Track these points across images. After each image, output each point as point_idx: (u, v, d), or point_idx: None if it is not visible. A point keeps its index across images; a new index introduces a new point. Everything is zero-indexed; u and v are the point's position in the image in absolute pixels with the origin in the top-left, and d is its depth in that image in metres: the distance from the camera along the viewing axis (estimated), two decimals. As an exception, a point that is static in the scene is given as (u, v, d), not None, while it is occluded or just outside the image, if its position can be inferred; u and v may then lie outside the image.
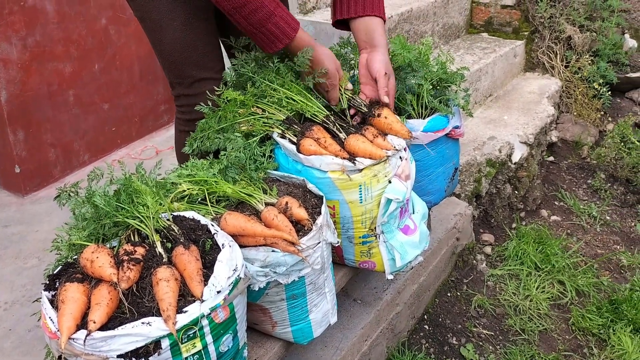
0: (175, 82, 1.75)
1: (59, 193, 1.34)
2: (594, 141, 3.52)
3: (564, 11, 3.63)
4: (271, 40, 1.55)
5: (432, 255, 2.32)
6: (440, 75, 1.92)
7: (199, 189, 1.46)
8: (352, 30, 1.75)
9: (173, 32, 1.65)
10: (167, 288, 1.09)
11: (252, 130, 1.62)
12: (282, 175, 1.61)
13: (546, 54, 3.72)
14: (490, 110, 3.34)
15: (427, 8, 3.30)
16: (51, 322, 1.10)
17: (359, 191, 1.56)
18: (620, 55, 3.56)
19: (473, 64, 3.28)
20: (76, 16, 2.70)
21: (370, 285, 2.10)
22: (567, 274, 2.53)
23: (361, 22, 1.71)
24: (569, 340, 2.26)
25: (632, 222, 2.96)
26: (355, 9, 1.70)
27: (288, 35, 1.55)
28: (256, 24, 1.50)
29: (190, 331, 1.09)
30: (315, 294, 1.51)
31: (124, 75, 3.01)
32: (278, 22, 1.52)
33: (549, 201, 3.14)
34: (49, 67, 2.63)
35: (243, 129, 1.61)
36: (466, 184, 2.74)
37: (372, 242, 1.67)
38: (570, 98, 3.62)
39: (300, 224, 1.43)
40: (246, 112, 1.62)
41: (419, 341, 2.21)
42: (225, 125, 1.62)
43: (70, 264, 1.23)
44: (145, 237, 1.25)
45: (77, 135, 2.85)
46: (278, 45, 1.56)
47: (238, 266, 1.21)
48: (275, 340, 1.61)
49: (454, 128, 1.92)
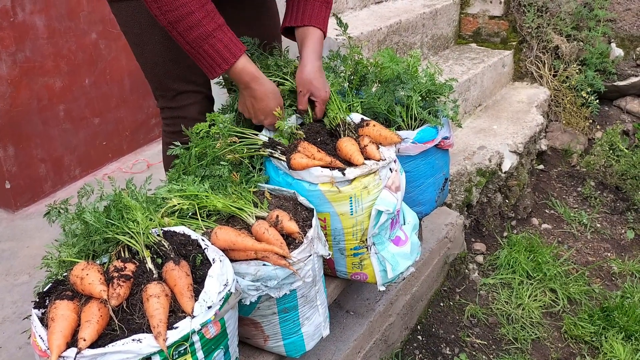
0: (158, 95, 1.77)
1: (49, 210, 1.34)
2: (583, 149, 3.55)
3: (551, 21, 3.67)
4: (210, 64, 1.47)
5: (424, 265, 2.32)
6: (429, 86, 1.94)
7: (190, 203, 1.46)
8: (296, 38, 1.74)
9: (154, 45, 1.65)
10: (158, 304, 1.09)
11: (238, 158, 1.63)
12: (272, 189, 1.61)
13: (534, 64, 3.75)
14: (479, 120, 3.36)
15: (415, 20, 3.33)
16: (41, 340, 1.09)
17: (350, 203, 1.56)
18: (607, 64, 3.60)
19: (462, 74, 3.30)
20: (66, 31, 2.71)
21: (362, 296, 2.10)
22: (558, 282, 2.55)
23: (300, 31, 1.71)
24: (562, 348, 2.27)
25: (622, 229, 2.98)
26: (297, 17, 1.70)
27: (226, 60, 1.47)
28: (192, 43, 1.44)
29: (181, 347, 1.09)
30: (307, 307, 1.51)
31: (115, 89, 3.01)
32: (216, 45, 1.45)
33: (540, 209, 3.16)
34: (39, 82, 2.63)
35: (229, 158, 1.61)
36: (457, 194, 2.76)
37: (364, 253, 1.67)
38: (559, 107, 3.65)
39: (291, 237, 1.43)
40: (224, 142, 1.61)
41: (413, 352, 2.21)
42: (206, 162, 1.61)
43: (60, 281, 1.23)
44: (136, 253, 1.25)
45: (68, 149, 2.84)
46: (217, 70, 1.48)
47: (229, 281, 1.21)
48: (267, 355, 1.61)
49: (444, 139, 1.93)
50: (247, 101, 1.61)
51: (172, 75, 1.69)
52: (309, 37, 1.68)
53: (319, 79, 1.66)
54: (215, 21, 1.45)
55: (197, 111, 1.76)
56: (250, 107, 1.61)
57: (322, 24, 1.71)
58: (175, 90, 1.72)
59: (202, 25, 1.42)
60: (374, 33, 3.00)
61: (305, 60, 1.66)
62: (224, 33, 1.46)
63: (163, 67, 1.68)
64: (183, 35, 1.43)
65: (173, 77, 1.70)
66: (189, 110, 1.75)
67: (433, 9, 3.51)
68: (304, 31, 1.69)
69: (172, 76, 1.69)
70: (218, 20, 1.46)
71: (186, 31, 1.42)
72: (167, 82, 1.70)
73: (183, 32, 1.42)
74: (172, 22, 1.41)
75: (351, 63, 1.96)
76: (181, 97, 1.73)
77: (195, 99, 1.75)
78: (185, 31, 1.42)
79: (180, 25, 1.41)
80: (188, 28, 1.42)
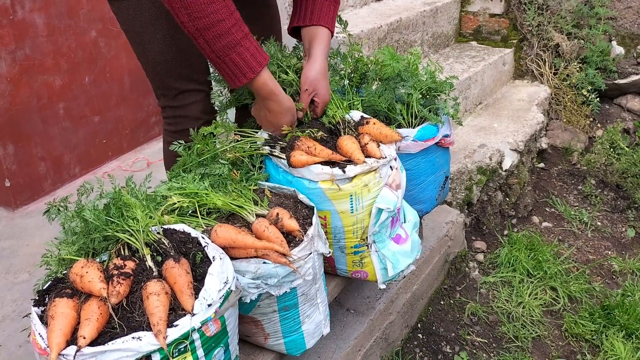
0: (160, 94, 1.76)
1: (48, 208, 1.33)
2: (584, 147, 3.55)
3: (551, 19, 3.67)
4: (234, 73, 1.45)
5: (425, 263, 2.32)
6: (430, 84, 1.93)
7: (190, 201, 1.46)
8: (302, 37, 1.73)
9: (156, 44, 1.65)
10: (158, 302, 1.09)
11: (238, 157, 1.62)
12: (272, 186, 1.61)
13: (535, 62, 3.75)
14: (480, 118, 3.36)
15: (416, 18, 3.33)
16: (41, 338, 1.09)
17: (350, 201, 1.56)
18: (607, 62, 3.59)
19: (462, 72, 3.30)
20: (66, 29, 2.70)
21: (363, 294, 2.09)
22: (559, 280, 2.54)
23: (307, 31, 1.69)
24: (562, 346, 2.27)
25: (622, 227, 2.98)
26: (304, 17, 1.69)
27: (252, 69, 1.45)
28: (219, 52, 1.40)
29: (181, 345, 1.09)
30: (308, 305, 1.50)
31: (115, 87, 3.01)
32: (243, 53, 1.42)
33: (540, 208, 3.15)
34: (38, 80, 2.63)
35: (229, 157, 1.61)
36: (457, 192, 2.75)
37: (364, 251, 1.67)
38: (560, 105, 3.65)
39: (292, 235, 1.43)
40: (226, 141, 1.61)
41: (413, 350, 2.21)
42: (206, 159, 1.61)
43: (59, 279, 1.22)
44: (136, 250, 1.24)
45: (68, 148, 2.84)
46: (241, 79, 1.46)
47: (229, 279, 1.21)
48: (268, 353, 1.61)
49: (444, 137, 1.93)
50: (261, 112, 1.61)
51: (174, 74, 1.68)
52: (318, 36, 1.67)
53: (325, 80, 1.66)
54: (242, 30, 1.42)
55: (199, 110, 1.75)
56: (264, 118, 1.61)
57: (331, 23, 1.71)
58: (177, 89, 1.71)
59: (231, 34, 1.39)
60: (374, 31, 3.00)
61: (314, 59, 1.65)
62: (250, 42, 1.44)
63: (165, 66, 1.67)
64: (210, 44, 1.39)
65: (175, 76, 1.69)
66: (190, 109, 1.74)
67: (434, 6, 3.50)
68: (313, 30, 1.68)
69: (174, 75, 1.68)
70: (245, 28, 1.44)
71: (214, 39, 1.38)
72: (169, 81, 1.69)
73: (211, 40, 1.39)
74: (200, 30, 1.37)
75: (351, 61, 1.96)
76: (183, 95, 1.72)
77: (197, 97, 1.74)
78: (214, 39, 1.38)
79: (208, 33, 1.37)
80: (217, 36, 1.38)
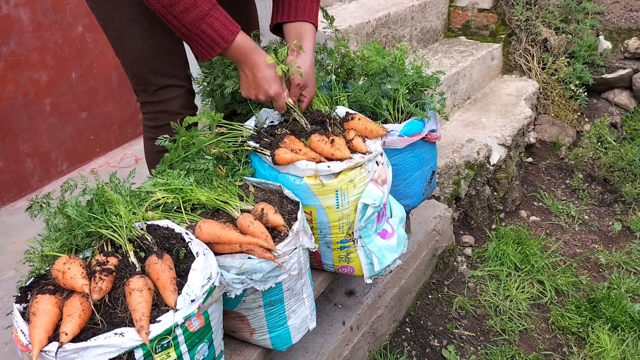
0: (139, 90, 1.76)
1: (31, 204, 1.33)
2: (572, 142, 3.57)
3: (539, 14, 3.68)
4: (207, 44, 1.45)
5: (413, 258, 2.33)
6: (416, 79, 1.93)
7: (174, 197, 1.45)
8: (284, 34, 1.73)
9: (135, 40, 1.64)
10: (140, 298, 1.09)
11: (222, 152, 1.62)
12: (258, 182, 1.61)
13: (523, 57, 3.76)
14: (468, 113, 3.37)
15: (404, 12, 3.33)
16: (23, 335, 1.09)
17: (336, 197, 1.56)
18: (595, 56, 3.61)
19: (451, 67, 3.30)
20: (52, 24, 2.68)
21: (350, 289, 2.10)
22: (546, 274, 2.56)
23: (293, 27, 1.70)
24: (549, 339, 2.28)
25: (609, 221, 3.00)
26: (289, 13, 1.69)
27: (225, 39, 1.45)
28: (189, 25, 1.42)
29: (164, 341, 1.09)
30: (293, 300, 1.51)
31: (102, 83, 2.99)
32: (213, 23, 1.43)
33: (528, 202, 3.17)
34: (24, 76, 2.61)
35: (214, 152, 1.60)
36: (445, 187, 2.76)
37: (350, 247, 1.67)
38: (548, 99, 3.67)
39: (277, 230, 1.43)
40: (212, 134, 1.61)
41: (401, 344, 2.22)
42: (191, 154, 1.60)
43: (42, 275, 1.22)
44: (119, 247, 1.24)
45: (55, 144, 2.82)
46: (215, 49, 1.46)
47: (213, 274, 1.21)
48: (254, 348, 1.61)
49: (430, 132, 1.93)
50: (248, 76, 1.57)
51: (153, 69, 1.68)
52: (305, 32, 1.67)
53: (314, 75, 1.67)
54: (210, 0, 1.43)
55: (179, 105, 1.75)
56: (252, 81, 1.57)
57: (315, 19, 1.71)
58: (157, 85, 1.71)
59: (198, 6, 1.40)
60: (362, 26, 3.00)
61: (306, 54, 1.65)
62: (220, 11, 1.45)
63: (144, 62, 1.66)
64: (179, 18, 1.41)
65: (154, 72, 1.68)
66: (170, 104, 1.74)
67: (422, 1, 3.50)
68: (298, 27, 1.68)
69: (153, 70, 1.68)
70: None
71: (182, 13, 1.40)
72: (149, 76, 1.69)
73: (179, 15, 1.40)
74: (167, 7, 1.39)
75: (338, 56, 1.96)
76: (163, 91, 1.72)
77: (177, 92, 1.74)
78: (182, 13, 1.40)
79: (175, 8, 1.39)
80: (184, 10, 1.39)
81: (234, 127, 1.66)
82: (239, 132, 1.65)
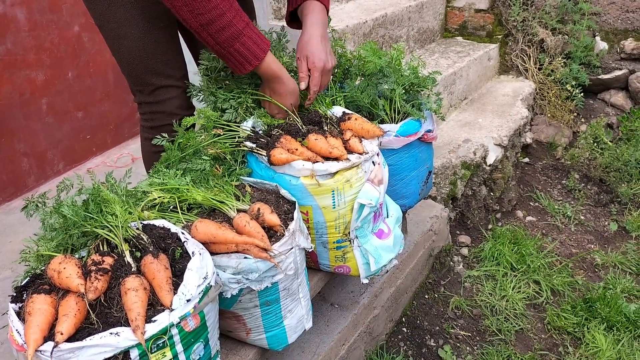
0: (136, 90, 1.76)
1: (27, 204, 1.33)
2: (568, 142, 3.58)
3: (536, 14, 3.69)
4: (240, 62, 1.52)
5: (409, 257, 2.33)
6: (412, 79, 1.93)
7: (171, 197, 1.45)
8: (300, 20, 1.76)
9: (132, 40, 1.64)
10: (136, 298, 1.09)
11: (219, 153, 1.62)
12: (255, 182, 1.61)
13: (520, 57, 3.77)
14: (465, 113, 3.37)
15: (401, 13, 3.33)
16: (18, 335, 1.08)
17: (332, 196, 1.57)
18: (591, 57, 3.62)
19: (448, 67, 3.31)
20: (48, 24, 2.68)
21: (347, 289, 2.10)
22: (542, 274, 2.57)
23: (301, 9, 1.74)
24: (545, 339, 2.29)
25: (605, 221, 3.01)
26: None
27: (257, 56, 1.52)
28: (223, 43, 1.47)
29: (159, 340, 1.09)
30: (289, 299, 1.51)
31: (99, 82, 2.99)
32: (246, 42, 1.49)
33: (524, 202, 3.18)
34: (20, 75, 2.61)
35: (211, 153, 1.61)
36: (442, 187, 2.77)
37: (347, 247, 1.67)
38: (544, 100, 3.67)
39: (273, 230, 1.43)
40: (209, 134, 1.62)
41: (398, 344, 2.22)
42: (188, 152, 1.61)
43: (38, 275, 1.22)
44: (115, 246, 1.24)
45: (51, 144, 2.82)
46: (247, 67, 1.53)
47: (208, 274, 1.21)
48: (250, 347, 1.61)
49: (427, 132, 1.94)
50: (266, 92, 1.67)
51: (150, 69, 1.68)
52: (309, 9, 1.71)
53: (316, 44, 1.67)
54: (243, 19, 1.48)
55: (176, 105, 1.75)
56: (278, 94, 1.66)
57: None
58: (154, 85, 1.71)
59: (233, 25, 1.45)
60: (359, 26, 3.00)
61: (304, 28, 1.69)
62: (252, 30, 1.51)
63: (141, 62, 1.66)
64: (214, 37, 1.46)
65: (151, 72, 1.68)
66: (167, 104, 1.74)
67: (419, 2, 3.51)
68: (305, 6, 1.72)
69: (150, 71, 1.68)
70: (245, 17, 1.49)
71: (218, 32, 1.45)
72: (145, 76, 1.69)
73: (215, 34, 1.45)
74: (204, 25, 1.43)
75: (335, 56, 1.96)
76: (159, 91, 1.72)
77: (174, 93, 1.74)
78: (217, 32, 1.45)
79: (212, 27, 1.44)
80: (220, 29, 1.44)
81: (231, 128, 1.66)
82: (236, 132, 1.65)
